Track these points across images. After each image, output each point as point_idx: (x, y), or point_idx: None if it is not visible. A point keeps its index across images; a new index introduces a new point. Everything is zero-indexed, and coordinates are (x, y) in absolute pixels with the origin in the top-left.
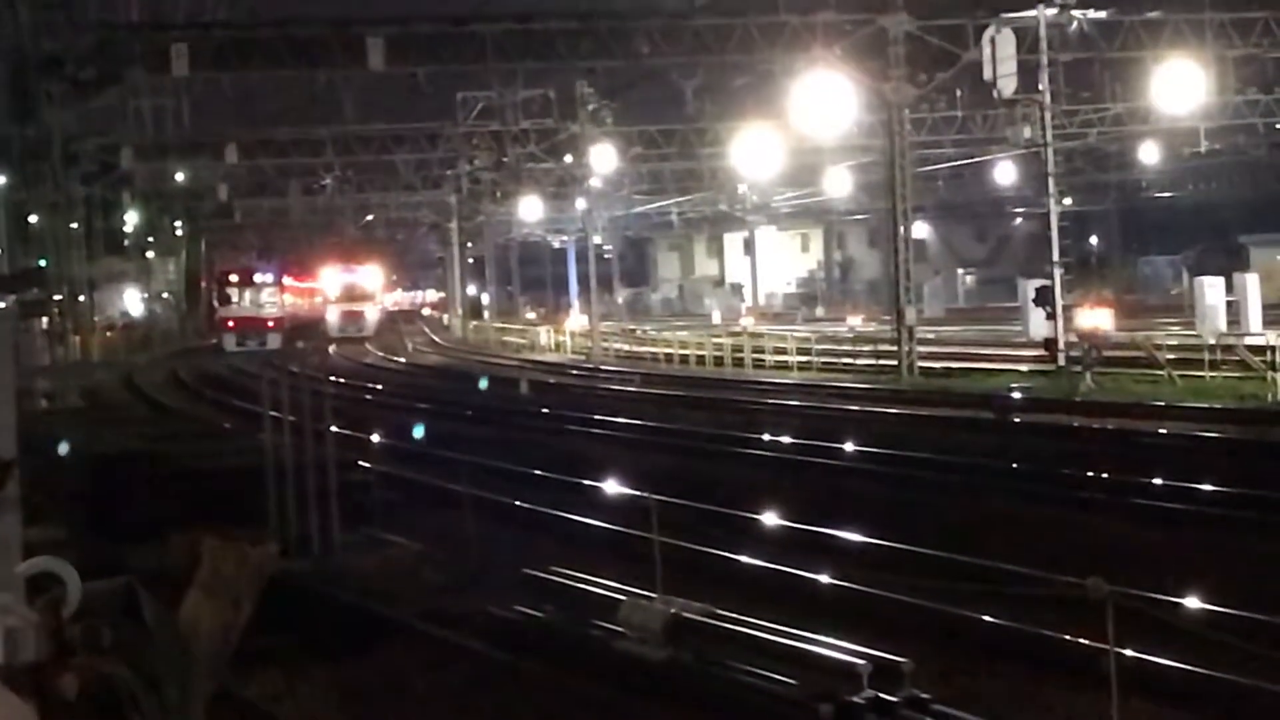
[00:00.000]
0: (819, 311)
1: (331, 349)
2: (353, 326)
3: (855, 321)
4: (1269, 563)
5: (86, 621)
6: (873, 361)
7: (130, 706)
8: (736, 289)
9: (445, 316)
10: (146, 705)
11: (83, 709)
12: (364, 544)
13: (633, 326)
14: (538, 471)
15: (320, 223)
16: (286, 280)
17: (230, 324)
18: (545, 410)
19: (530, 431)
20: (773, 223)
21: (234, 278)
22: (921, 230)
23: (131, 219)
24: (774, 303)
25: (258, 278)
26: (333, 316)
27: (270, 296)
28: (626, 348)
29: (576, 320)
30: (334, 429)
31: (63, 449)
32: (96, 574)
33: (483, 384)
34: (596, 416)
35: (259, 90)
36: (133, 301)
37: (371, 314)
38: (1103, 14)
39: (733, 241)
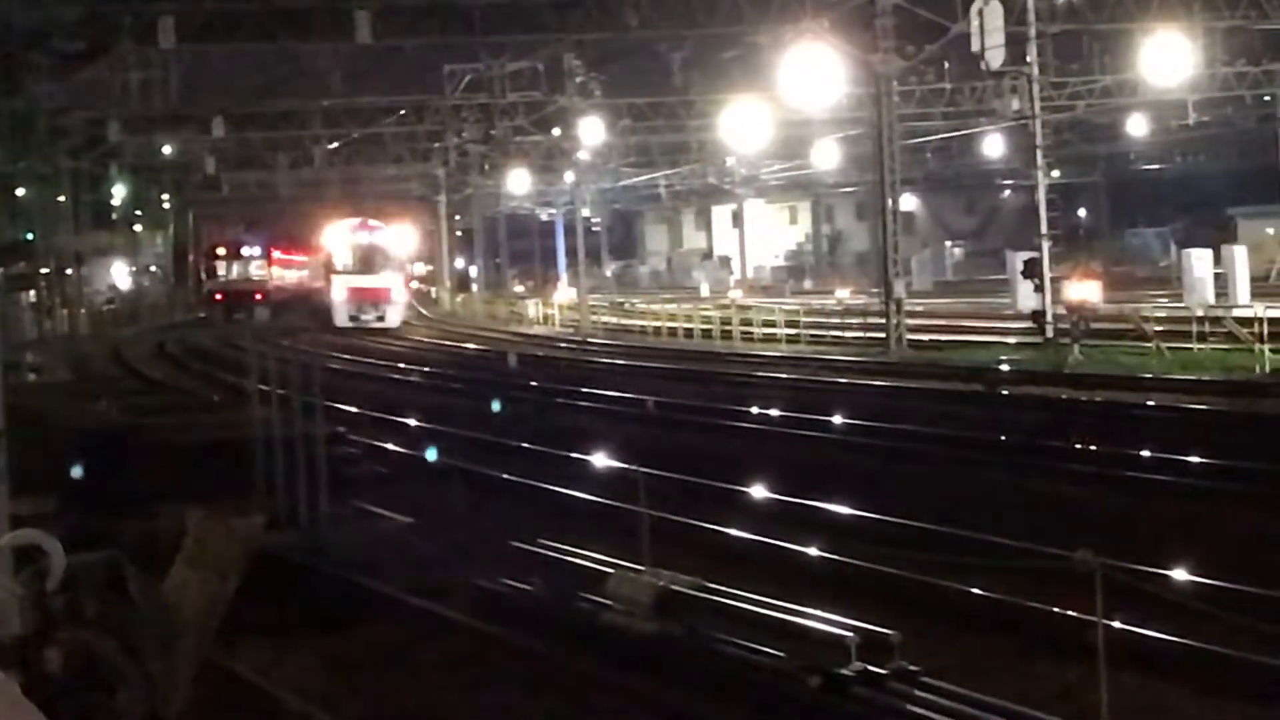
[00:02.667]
0: (807, 284)
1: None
2: (370, 311)
3: (843, 294)
4: (1256, 533)
5: (71, 594)
6: (861, 334)
7: (114, 678)
8: (725, 262)
9: (433, 290)
10: (131, 677)
11: (67, 681)
12: (351, 517)
13: (621, 299)
14: (527, 445)
15: (308, 195)
16: (275, 254)
17: (218, 296)
18: (533, 383)
19: (519, 404)
20: (761, 195)
21: (221, 250)
22: (910, 203)
23: (119, 192)
24: (762, 275)
25: (245, 250)
26: (340, 295)
27: (258, 269)
28: (615, 321)
29: (565, 293)
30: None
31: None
32: (85, 547)
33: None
34: (585, 389)
35: (246, 63)
36: (120, 275)
37: (398, 293)
38: None
39: (721, 214)
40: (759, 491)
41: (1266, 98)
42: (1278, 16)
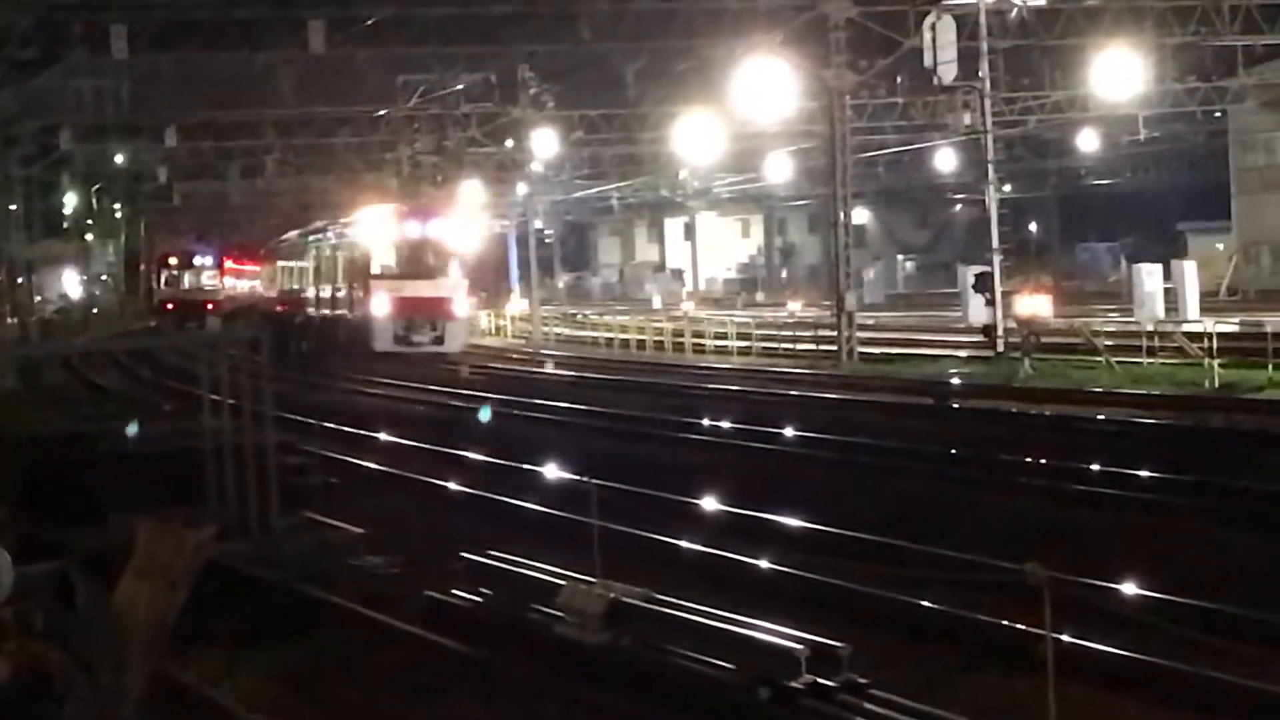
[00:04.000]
0: (759, 297)
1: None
2: (424, 331)
3: (795, 307)
4: (1204, 547)
5: (19, 605)
6: (813, 347)
7: (64, 690)
8: (677, 274)
9: None
10: (80, 689)
11: (15, 693)
12: (303, 527)
13: (573, 311)
14: (478, 455)
15: (260, 205)
16: (228, 264)
17: (169, 306)
18: (484, 394)
19: (469, 414)
20: (713, 208)
21: (173, 260)
22: (862, 216)
23: (71, 201)
24: (714, 288)
25: (197, 260)
26: (381, 309)
27: (210, 279)
28: (567, 332)
29: (517, 305)
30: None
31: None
32: (34, 557)
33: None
34: (536, 400)
35: (199, 72)
36: (71, 284)
37: (459, 305)
38: (1042, 1)
39: (673, 226)
40: (710, 504)
41: (1217, 114)
42: (1228, 33)
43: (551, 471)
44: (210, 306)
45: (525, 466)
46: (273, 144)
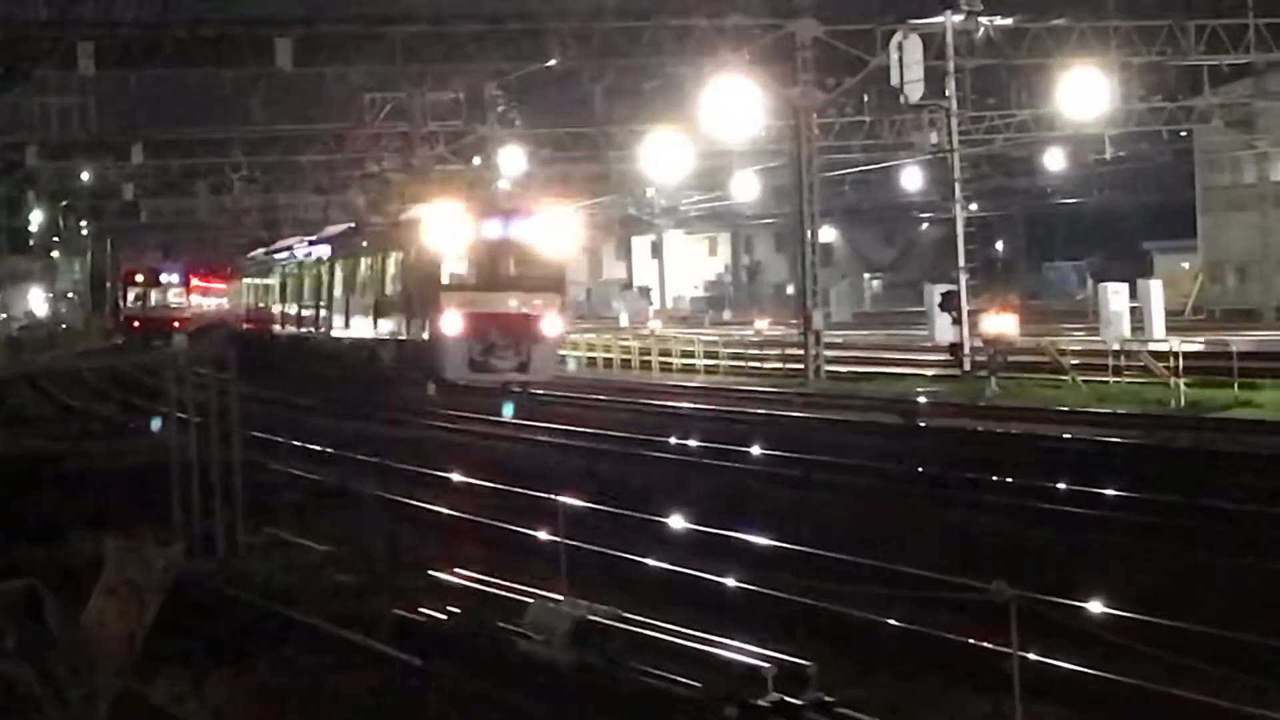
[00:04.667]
0: (726, 315)
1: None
2: (508, 358)
3: (762, 325)
4: (1171, 566)
5: None
6: (780, 365)
7: (32, 708)
8: (644, 292)
9: None
10: (49, 707)
11: None
12: (269, 544)
13: None
14: (447, 475)
15: (227, 223)
16: (194, 281)
17: (136, 324)
18: (451, 411)
19: (435, 432)
20: (680, 226)
21: (139, 277)
22: (829, 234)
23: (37, 218)
24: (681, 306)
25: (164, 278)
26: (452, 327)
27: (177, 296)
28: None
29: None
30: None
31: None
32: (2, 576)
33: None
34: (499, 419)
35: (166, 90)
36: (37, 301)
37: (551, 324)
38: (1009, 21)
39: (640, 245)
40: (677, 521)
41: (1183, 133)
42: (1194, 53)
43: (519, 489)
44: (177, 324)
45: (493, 485)
46: (240, 161)
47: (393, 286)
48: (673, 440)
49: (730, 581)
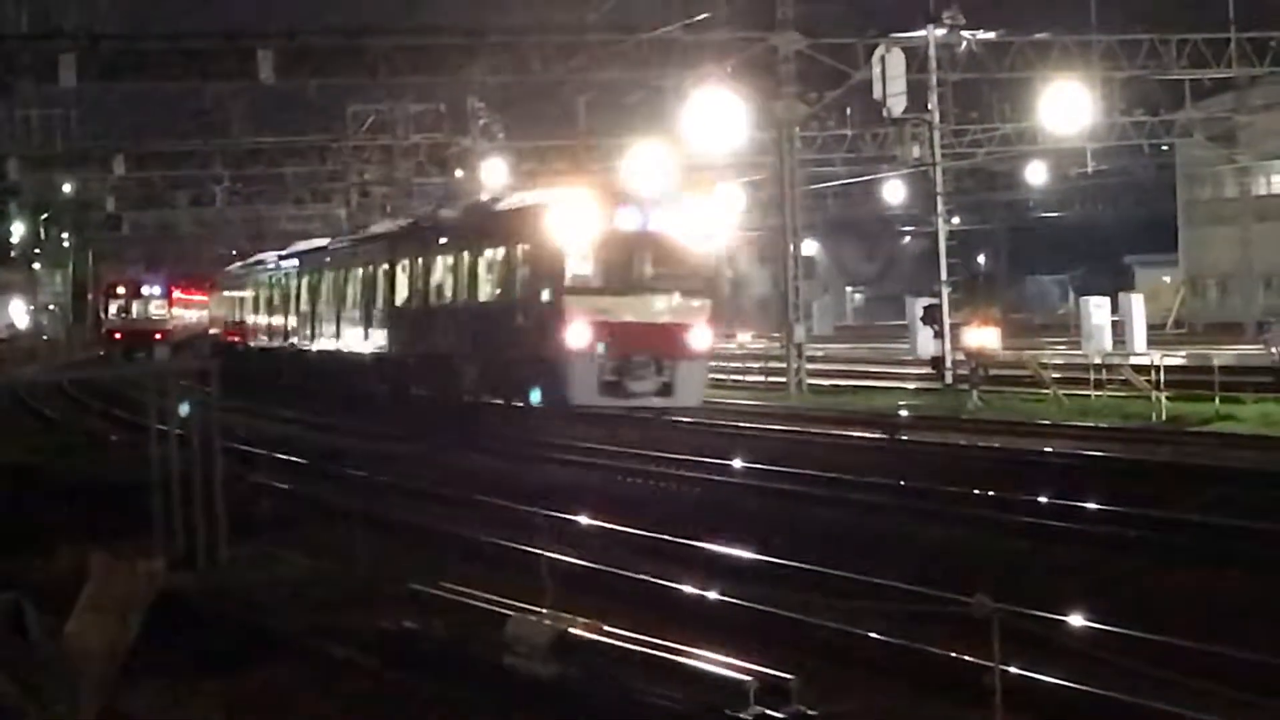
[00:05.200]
0: None
1: None
2: (647, 376)
3: (745, 338)
4: (1151, 579)
5: None
6: (762, 378)
7: None
8: None
9: None
10: None
11: None
12: (252, 557)
13: None
14: (428, 488)
15: (209, 235)
16: (176, 293)
17: (117, 336)
18: (433, 423)
19: (420, 445)
20: None
21: (121, 289)
22: (811, 248)
23: (18, 230)
24: None
25: (145, 289)
26: (580, 339)
27: (158, 308)
28: None
29: None
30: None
31: None
32: None
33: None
34: (483, 432)
35: (148, 102)
36: (18, 313)
37: (699, 337)
38: (991, 35)
39: None
40: (658, 534)
41: (1164, 147)
42: (1175, 67)
43: (499, 502)
44: (159, 336)
45: (477, 497)
46: (222, 174)
47: (487, 290)
48: (651, 452)
49: (712, 594)
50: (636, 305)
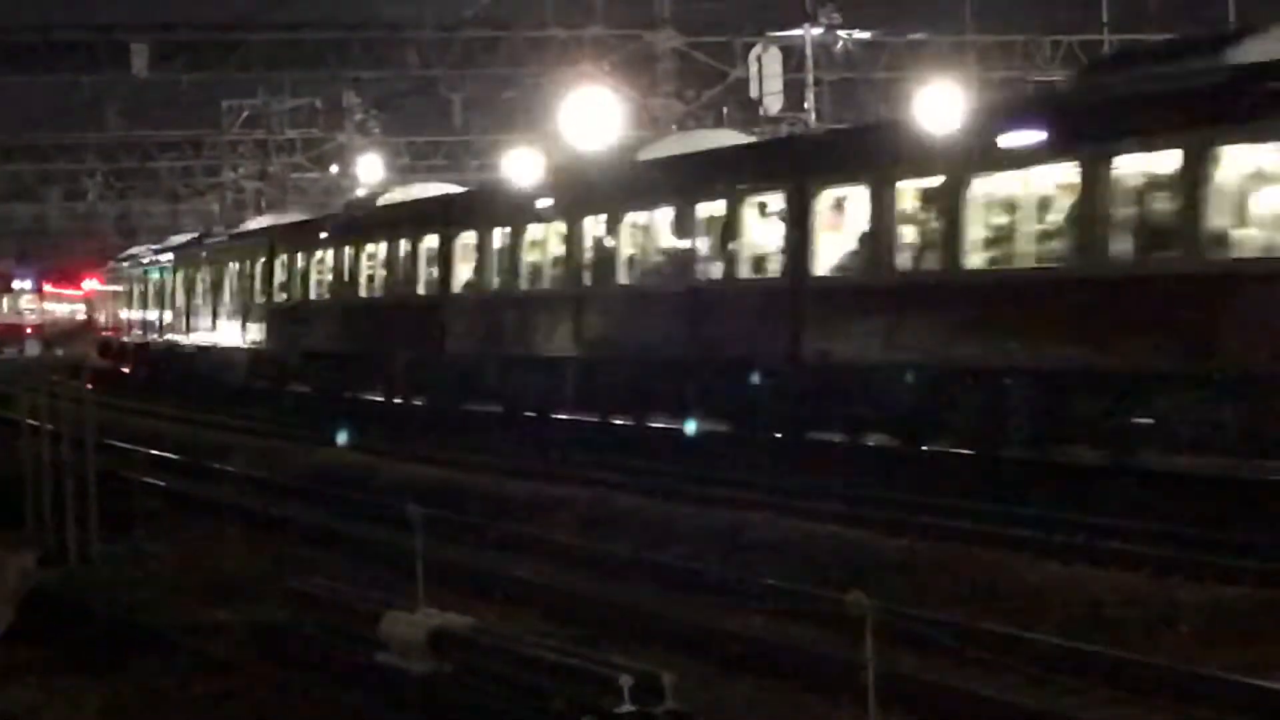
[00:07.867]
0: None
1: None
2: None
3: None
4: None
5: None
6: None
7: None
8: None
9: None
10: None
11: None
12: (124, 553)
13: None
14: (306, 485)
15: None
16: (47, 288)
17: None
18: (312, 418)
19: (298, 440)
20: None
21: None
22: None
23: None
24: None
25: (16, 284)
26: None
27: (30, 303)
28: None
29: None
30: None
31: None
32: None
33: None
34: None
35: (20, 94)
36: None
37: None
38: (868, 35)
39: None
40: (539, 530)
41: None
42: (1050, 68)
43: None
44: (29, 331)
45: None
46: (95, 168)
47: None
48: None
49: (589, 591)
50: None
